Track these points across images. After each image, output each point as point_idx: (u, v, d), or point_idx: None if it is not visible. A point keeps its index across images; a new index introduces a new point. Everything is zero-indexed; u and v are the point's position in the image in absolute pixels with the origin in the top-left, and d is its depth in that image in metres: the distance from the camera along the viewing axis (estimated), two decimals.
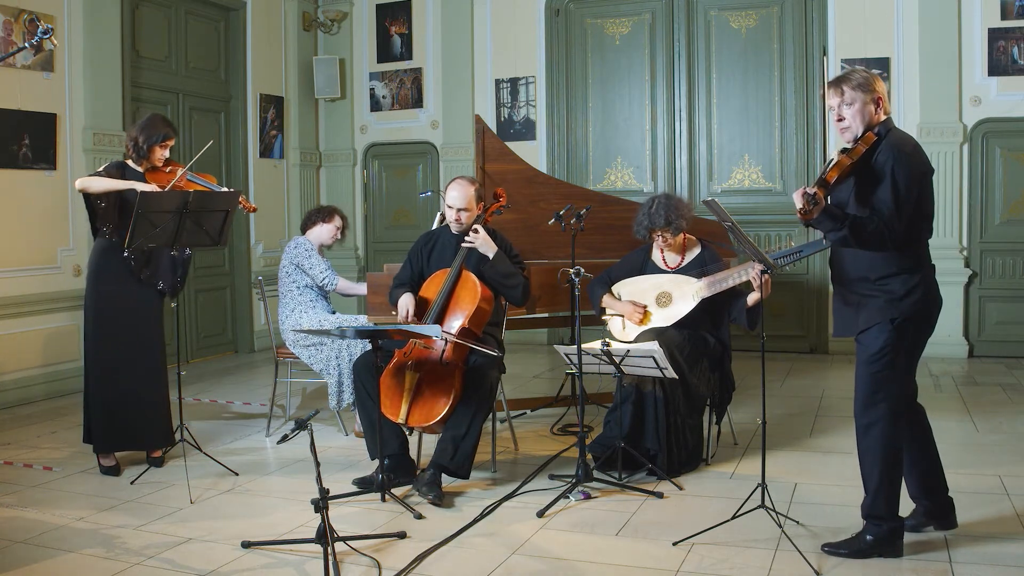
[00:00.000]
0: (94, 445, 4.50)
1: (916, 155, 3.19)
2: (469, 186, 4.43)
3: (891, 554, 3.24)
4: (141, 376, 4.48)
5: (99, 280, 4.45)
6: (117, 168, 4.47)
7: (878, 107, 3.23)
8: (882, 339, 3.21)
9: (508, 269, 4.34)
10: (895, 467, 3.25)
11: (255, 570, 3.30)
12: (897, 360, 3.23)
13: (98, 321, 4.45)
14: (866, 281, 3.24)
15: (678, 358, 4.22)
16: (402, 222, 9.24)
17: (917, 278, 3.20)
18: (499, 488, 4.19)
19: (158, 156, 4.48)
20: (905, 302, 3.18)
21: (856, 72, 3.27)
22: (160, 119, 4.58)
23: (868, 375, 3.28)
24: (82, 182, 4.36)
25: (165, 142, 4.47)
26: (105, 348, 4.44)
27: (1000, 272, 7.38)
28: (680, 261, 4.61)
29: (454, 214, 4.40)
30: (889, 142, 3.19)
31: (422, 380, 4.12)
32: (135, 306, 4.48)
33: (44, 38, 3.39)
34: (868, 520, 3.28)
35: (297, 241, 5.29)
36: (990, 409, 5.58)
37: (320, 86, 9.05)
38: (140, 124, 4.52)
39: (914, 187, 3.13)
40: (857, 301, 3.29)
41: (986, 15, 7.24)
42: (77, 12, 6.63)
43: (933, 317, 3.28)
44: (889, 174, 3.11)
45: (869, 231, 3.10)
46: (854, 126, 3.23)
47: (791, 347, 7.86)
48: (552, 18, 8.52)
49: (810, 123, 7.81)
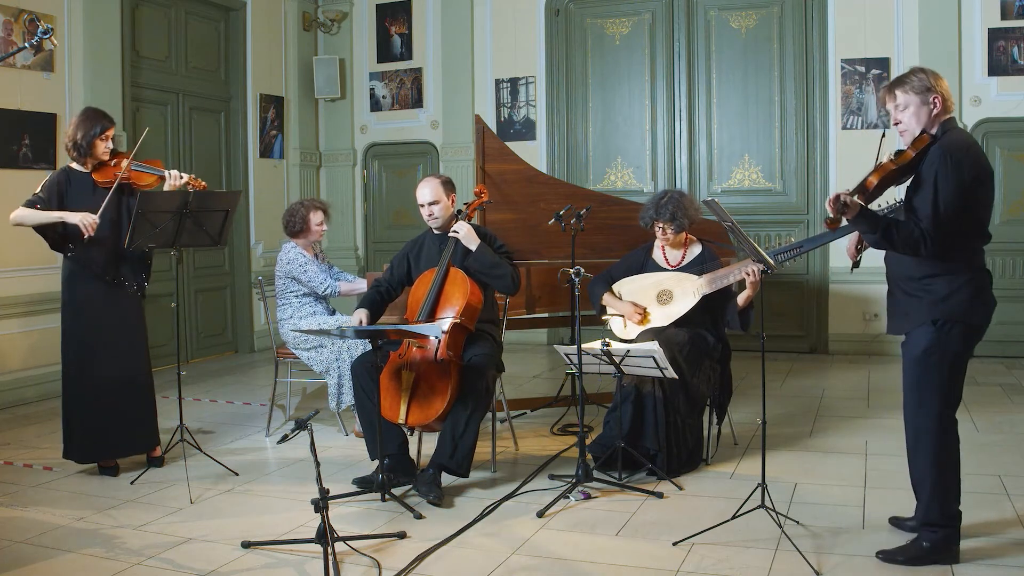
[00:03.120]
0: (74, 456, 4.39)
1: (967, 159, 3.06)
2: (434, 179, 4.49)
3: (947, 560, 3.16)
4: (123, 382, 4.40)
5: (73, 289, 4.36)
6: (58, 178, 4.31)
7: (937, 107, 3.14)
8: (925, 340, 3.15)
9: (493, 260, 4.35)
10: (948, 473, 3.19)
11: (255, 570, 3.30)
12: (942, 363, 3.15)
13: (74, 330, 4.35)
14: (911, 280, 3.19)
15: (678, 358, 4.22)
16: (402, 222, 9.23)
17: (962, 280, 3.12)
18: (499, 488, 4.19)
19: (101, 150, 4.33)
20: (948, 303, 3.12)
21: (913, 74, 3.19)
22: (93, 111, 4.39)
23: (914, 378, 3.21)
24: (15, 217, 4.21)
25: (105, 133, 4.32)
26: (84, 357, 4.34)
27: (1000, 272, 7.38)
28: (681, 259, 4.62)
29: (426, 210, 4.46)
30: (941, 145, 3.09)
31: (419, 379, 4.13)
32: (112, 311, 4.39)
33: (44, 38, 3.38)
34: (924, 527, 3.21)
35: (289, 256, 5.19)
36: (990, 409, 5.58)
37: (320, 86, 9.05)
38: (75, 122, 4.33)
39: (959, 195, 3.03)
40: (904, 300, 3.24)
41: (986, 15, 7.24)
42: (77, 12, 6.63)
43: (979, 320, 3.18)
44: (931, 182, 3.04)
45: (902, 236, 3.05)
46: (911, 129, 3.17)
47: (791, 347, 7.86)
48: (552, 18, 8.52)
49: (810, 123, 7.80)
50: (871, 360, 7.32)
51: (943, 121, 3.17)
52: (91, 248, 4.31)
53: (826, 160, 7.74)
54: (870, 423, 5.28)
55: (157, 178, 4.47)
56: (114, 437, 4.41)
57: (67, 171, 4.37)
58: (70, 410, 4.39)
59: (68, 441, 4.41)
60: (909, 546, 3.22)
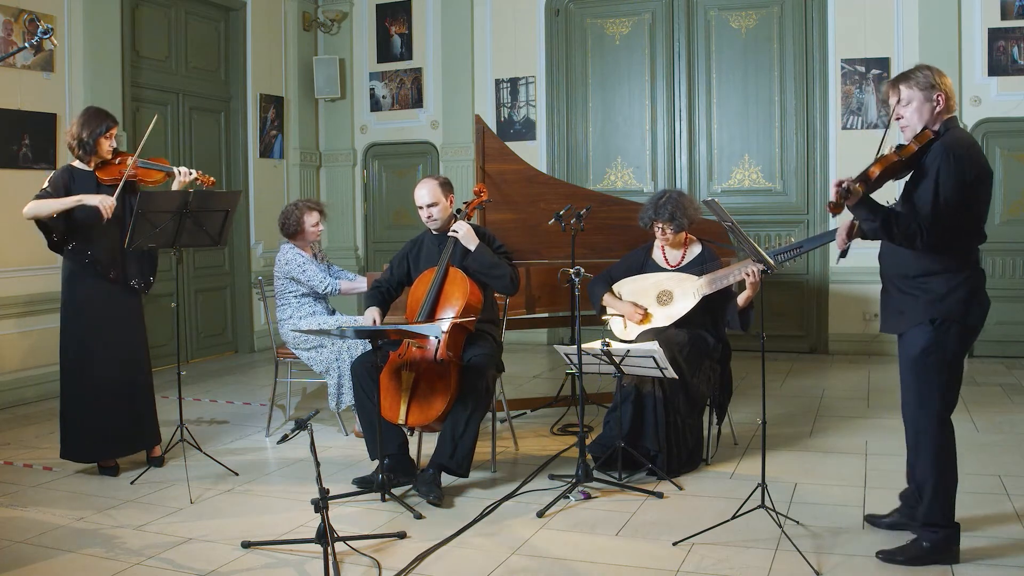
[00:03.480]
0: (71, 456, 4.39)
1: (969, 158, 3.08)
2: (432, 181, 4.48)
3: (947, 560, 3.16)
4: (122, 382, 4.40)
5: (73, 288, 4.35)
6: (63, 175, 4.32)
7: (940, 105, 3.15)
8: (924, 340, 3.15)
9: (492, 260, 4.35)
10: (948, 473, 3.19)
11: (255, 570, 3.30)
12: (941, 363, 3.15)
13: (74, 330, 4.35)
14: (906, 278, 3.20)
15: (678, 358, 4.22)
16: (402, 222, 9.23)
17: (960, 278, 3.12)
18: (499, 488, 4.19)
19: (105, 148, 4.35)
20: (946, 302, 3.12)
21: (918, 70, 3.19)
22: (96, 111, 4.40)
23: (913, 378, 3.21)
24: (30, 209, 4.20)
25: (109, 132, 4.34)
26: (83, 357, 4.34)
27: (1000, 272, 7.39)
28: (681, 259, 4.62)
29: (425, 212, 4.46)
30: (944, 142, 3.11)
31: (418, 379, 4.13)
32: (112, 311, 4.39)
33: (44, 38, 3.38)
34: (924, 527, 3.21)
35: (287, 257, 5.19)
36: (990, 409, 5.58)
37: (320, 86, 9.05)
38: (79, 121, 4.34)
39: (960, 191, 3.04)
40: (899, 298, 3.24)
41: (986, 15, 7.24)
42: (77, 12, 6.63)
43: (975, 320, 3.18)
44: (933, 176, 3.06)
45: (900, 227, 3.06)
46: (913, 124, 3.19)
47: (791, 347, 7.86)
48: (552, 18, 8.52)
49: (810, 123, 7.80)
50: (871, 360, 7.32)
51: (946, 119, 3.17)
52: (95, 245, 4.31)
53: (826, 160, 7.74)
54: (870, 423, 5.28)
55: (164, 175, 4.49)
56: (113, 437, 4.41)
57: (70, 169, 4.36)
58: (69, 410, 4.38)
59: (65, 441, 4.40)
60: (909, 546, 3.22)
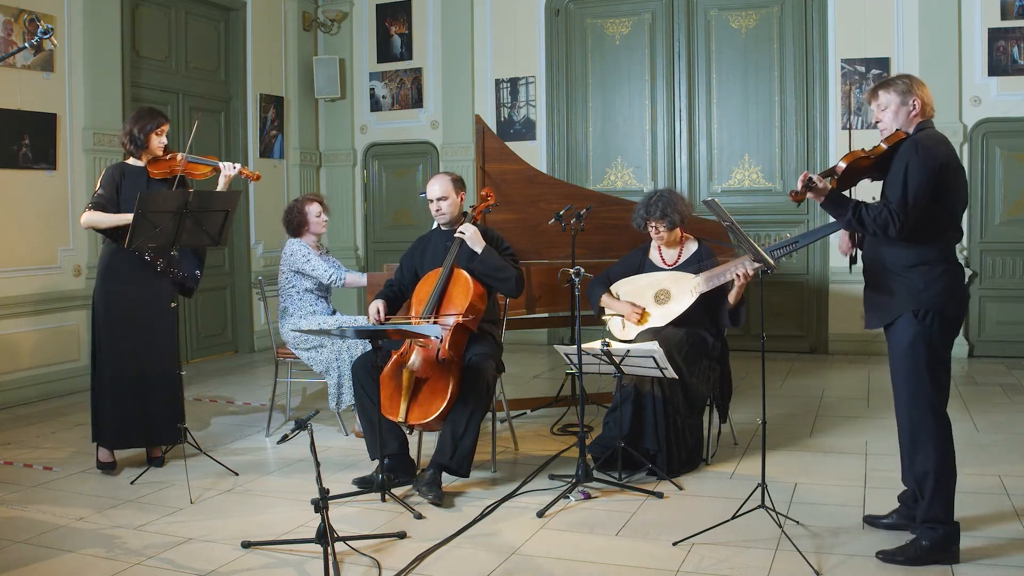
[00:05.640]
0: (105, 442, 4.48)
1: (937, 148, 3.19)
2: (445, 176, 4.53)
3: (947, 560, 3.16)
4: (154, 372, 4.46)
5: (108, 277, 4.45)
6: (114, 172, 4.45)
7: (915, 110, 3.27)
8: (910, 332, 3.19)
9: (498, 263, 4.35)
10: (947, 470, 3.20)
11: (255, 570, 3.30)
12: (930, 353, 3.19)
13: (108, 319, 4.43)
14: (887, 272, 3.26)
15: (676, 357, 4.21)
16: (402, 222, 9.23)
17: (938, 271, 3.19)
18: (499, 488, 4.19)
19: (156, 144, 4.49)
20: (926, 294, 3.18)
21: (898, 79, 3.33)
22: (149, 109, 4.61)
23: (904, 372, 3.23)
24: (87, 220, 4.38)
25: (160, 128, 4.49)
26: (116, 346, 4.42)
27: (1000, 272, 7.38)
28: (677, 258, 4.62)
29: (435, 206, 4.48)
30: (914, 138, 3.23)
31: (419, 379, 4.13)
32: (147, 303, 4.45)
33: (44, 38, 3.38)
34: (924, 524, 3.21)
35: (292, 249, 5.22)
36: (990, 409, 5.58)
37: (320, 86, 9.05)
38: (131, 118, 4.55)
39: (928, 179, 3.13)
40: (879, 293, 3.30)
41: (986, 15, 7.24)
42: (77, 12, 6.63)
43: (954, 312, 3.23)
44: (903, 167, 3.16)
45: (871, 215, 3.16)
46: (889, 128, 3.30)
47: (791, 347, 7.86)
48: (552, 18, 8.52)
49: (810, 123, 7.81)
50: (871, 360, 7.31)
51: (920, 123, 3.29)
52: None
53: (826, 160, 7.73)
54: (870, 423, 5.28)
55: (211, 169, 4.61)
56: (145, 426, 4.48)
57: (121, 166, 4.51)
58: (101, 394, 4.46)
59: (97, 424, 4.48)
60: (909, 546, 3.22)
